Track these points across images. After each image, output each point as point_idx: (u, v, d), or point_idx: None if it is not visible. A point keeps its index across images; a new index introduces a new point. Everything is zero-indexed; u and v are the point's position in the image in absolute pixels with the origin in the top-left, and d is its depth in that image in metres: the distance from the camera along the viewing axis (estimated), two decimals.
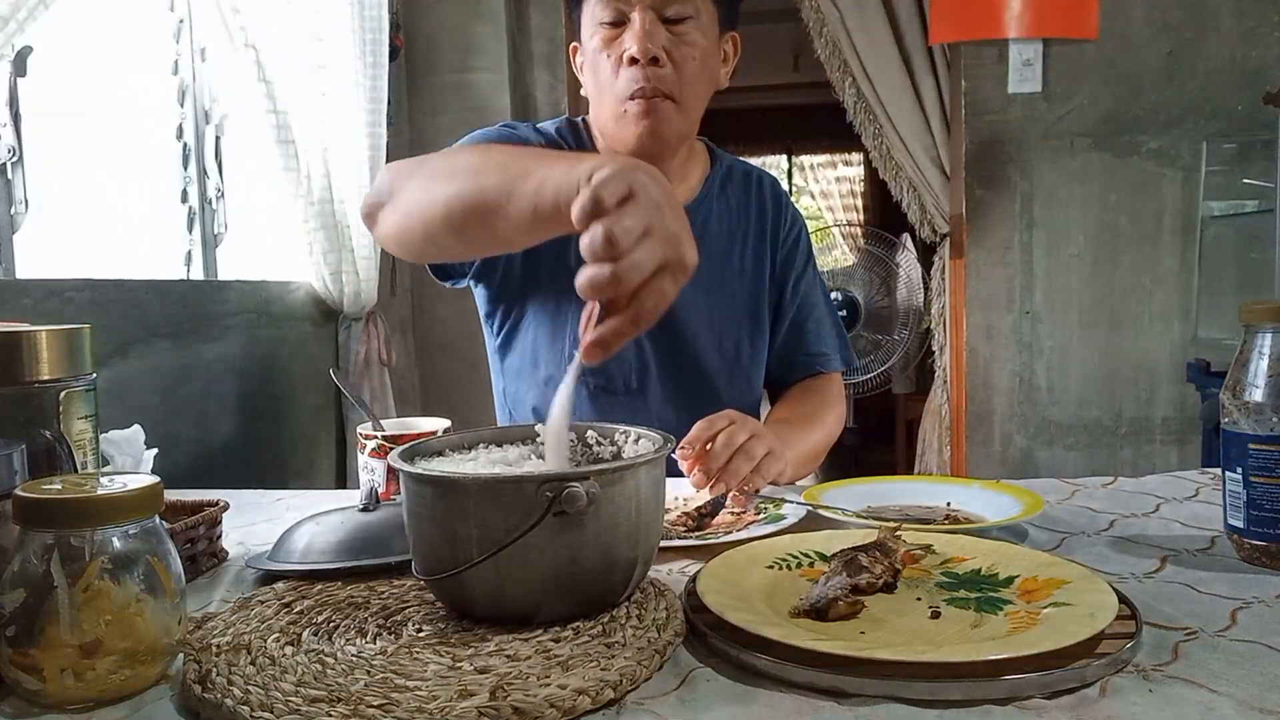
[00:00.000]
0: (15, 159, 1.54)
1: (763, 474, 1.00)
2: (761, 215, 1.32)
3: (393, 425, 1.11)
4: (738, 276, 1.29)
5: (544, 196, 0.68)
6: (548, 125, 1.28)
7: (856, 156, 6.71)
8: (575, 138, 1.27)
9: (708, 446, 1.00)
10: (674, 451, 0.96)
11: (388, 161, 2.45)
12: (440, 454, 0.76)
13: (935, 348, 3.16)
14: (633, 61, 1.11)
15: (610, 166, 0.63)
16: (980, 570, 0.72)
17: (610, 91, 1.14)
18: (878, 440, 4.84)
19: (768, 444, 1.00)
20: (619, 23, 1.12)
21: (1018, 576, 0.70)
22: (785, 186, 7.63)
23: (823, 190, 6.92)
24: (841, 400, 1.36)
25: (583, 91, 1.23)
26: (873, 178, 5.78)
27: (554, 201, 0.67)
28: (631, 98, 1.12)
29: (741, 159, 1.38)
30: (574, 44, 1.23)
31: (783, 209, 1.35)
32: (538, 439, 0.79)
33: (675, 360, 1.25)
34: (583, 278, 0.61)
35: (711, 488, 0.98)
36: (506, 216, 0.73)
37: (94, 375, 0.70)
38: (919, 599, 0.68)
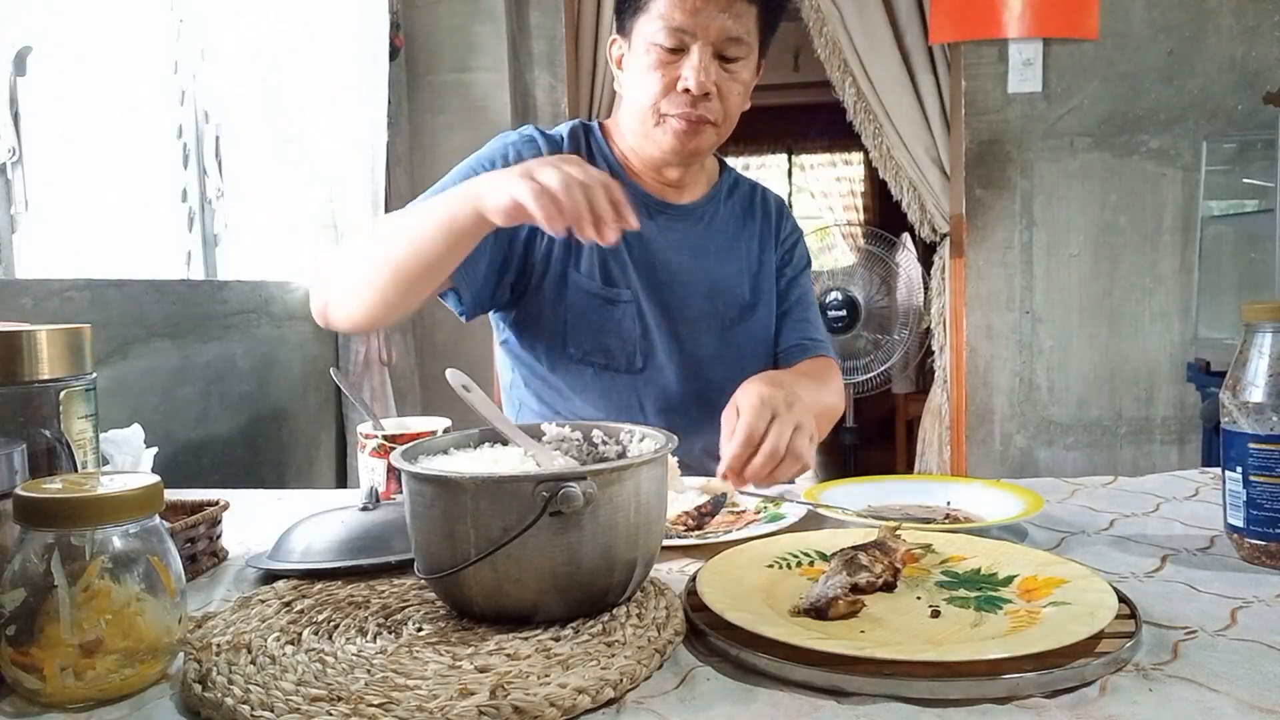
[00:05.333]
0: (15, 159, 1.54)
1: (806, 463, 1.00)
2: (765, 221, 1.40)
3: (393, 425, 1.11)
4: (738, 271, 1.35)
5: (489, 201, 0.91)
6: (561, 130, 1.32)
7: (856, 156, 6.70)
8: (588, 141, 1.32)
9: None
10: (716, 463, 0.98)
11: (388, 161, 2.46)
12: (445, 452, 0.76)
13: (935, 347, 3.16)
14: (685, 91, 1.16)
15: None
16: (980, 569, 0.72)
17: (653, 105, 1.20)
18: (878, 440, 4.83)
19: (808, 430, 0.99)
20: (677, 49, 1.16)
21: (1017, 576, 0.70)
22: (785, 188, 7.60)
23: (823, 190, 6.92)
24: (840, 379, 1.39)
25: (616, 86, 1.29)
26: (873, 177, 5.78)
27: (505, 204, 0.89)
28: (675, 117, 1.19)
29: (748, 177, 1.46)
30: (614, 38, 1.27)
31: (784, 219, 1.43)
32: (543, 437, 0.79)
33: (677, 342, 1.30)
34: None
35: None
36: (460, 226, 0.97)
37: (94, 375, 0.70)
38: (919, 598, 0.68)
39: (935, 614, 0.64)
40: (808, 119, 6.34)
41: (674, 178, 1.29)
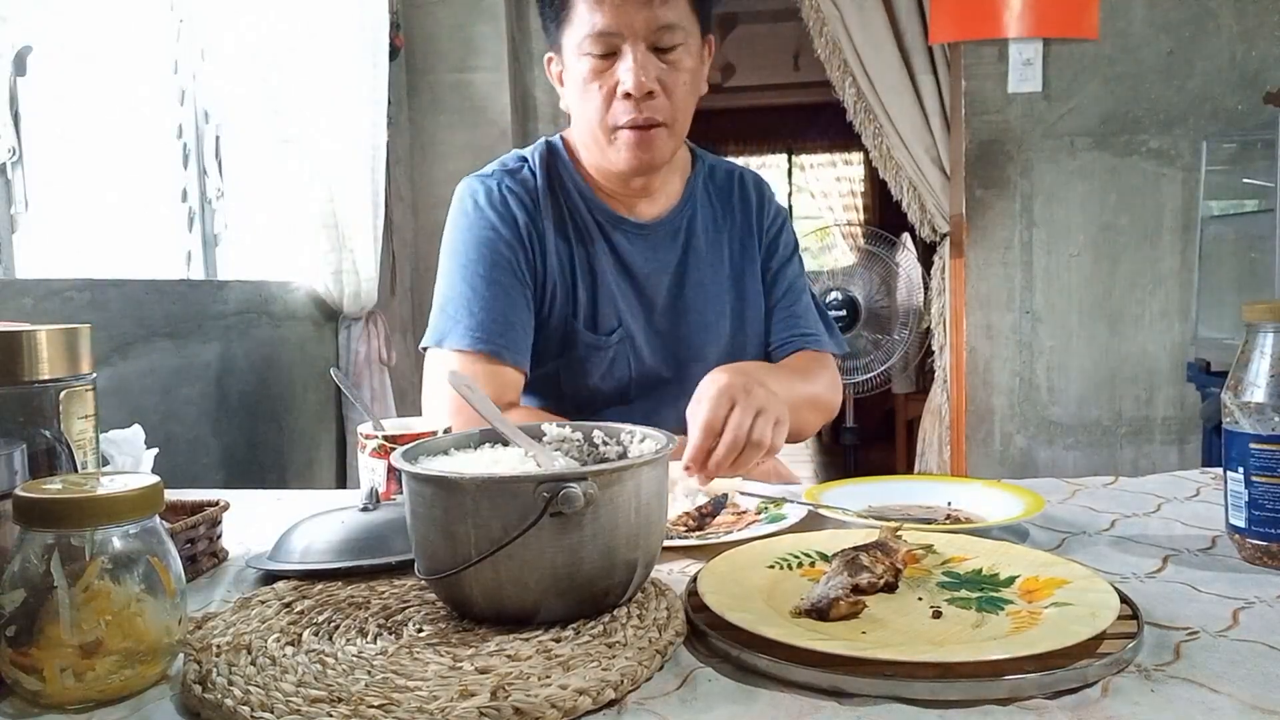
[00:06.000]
0: (15, 159, 1.54)
1: (774, 450, 0.98)
2: (745, 211, 1.33)
3: (393, 425, 1.11)
4: (722, 278, 1.30)
5: None
6: (530, 161, 1.25)
7: (856, 156, 6.71)
8: (555, 164, 1.26)
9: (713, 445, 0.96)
10: (683, 462, 0.96)
11: (388, 161, 2.46)
12: (445, 453, 0.76)
13: (935, 347, 3.16)
14: (627, 95, 1.11)
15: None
16: (981, 570, 0.72)
17: (601, 120, 1.14)
18: (878, 440, 4.83)
19: (773, 414, 0.97)
20: (609, 54, 1.11)
21: (1019, 576, 0.70)
22: (785, 188, 7.55)
23: (823, 190, 6.92)
24: (835, 373, 1.34)
25: (562, 105, 1.22)
26: (873, 177, 5.78)
27: None
28: (624, 128, 1.13)
29: (725, 159, 1.39)
30: (549, 55, 1.21)
31: (765, 203, 1.35)
32: (544, 438, 0.79)
33: (669, 373, 1.26)
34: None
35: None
36: None
37: (94, 375, 0.70)
38: (920, 599, 0.67)
39: (937, 615, 0.64)
40: (808, 119, 6.35)
41: (640, 185, 1.23)
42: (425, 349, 1.22)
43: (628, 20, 1.08)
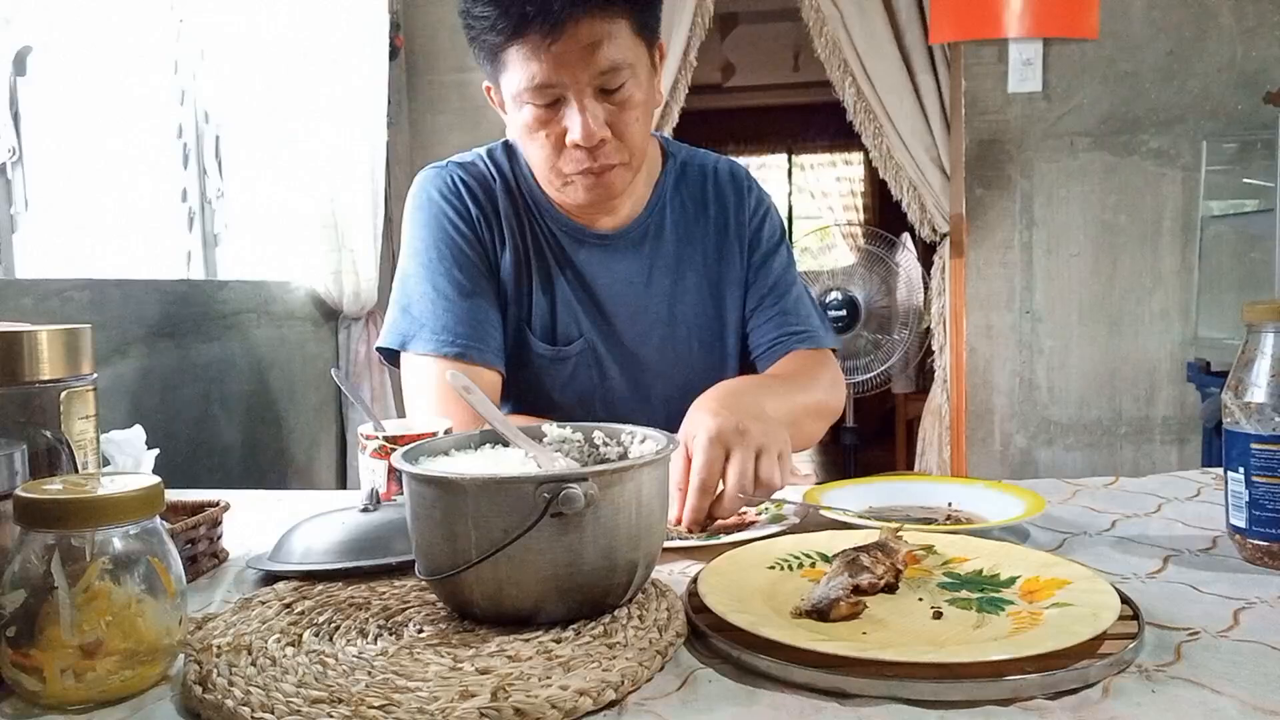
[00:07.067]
0: (15, 159, 1.54)
1: (782, 487, 0.92)
2: (722, 209, 1.25)
3: (393, 426, 1.11)
4: (696, 284, 1.23)
5: None
6: (483, 163, 1.20)
7: (856, 156, 6.71)
8: (512, 164, 1.21)
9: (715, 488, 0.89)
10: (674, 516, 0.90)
11: (388, 161, 2.46)
12: (446, 454, 0.76)
13: (935, 347, 3.16)
14: (576, 145, 1.04)
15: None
16: (982, 570, 0.72)
17: (552, 166, 1.08)
18: (878, 440, 4.83)
19: (775, 448, 0.90)
20: (553, 103, 1.03)
21: (1019, 577, 0.70)
22: (785, 188, 7.49)
23: (823, 190, 6.92)
24: (835, 371, 1.25)
25: (507, 134, 1.16)
26: (873, 177, 5.79)
27: None
28: (577, 175, 1.08)
29: (702, 150, 1.30)
30: (486, 85, 1.12)
31: (744, 195, 1.27)
32: (544, 439, 0.79)
33: (639, 387, 1.22)
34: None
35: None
36: None
37: (94, 375, 0.70)
38: (921, 599, 0.67)
39: (937, 615, 0.64)
40: (808, 119, 6.36)
41: (600, 207, 1.17)
42: (382, 349, 1.18)
43: (569, 72, 1.00)
